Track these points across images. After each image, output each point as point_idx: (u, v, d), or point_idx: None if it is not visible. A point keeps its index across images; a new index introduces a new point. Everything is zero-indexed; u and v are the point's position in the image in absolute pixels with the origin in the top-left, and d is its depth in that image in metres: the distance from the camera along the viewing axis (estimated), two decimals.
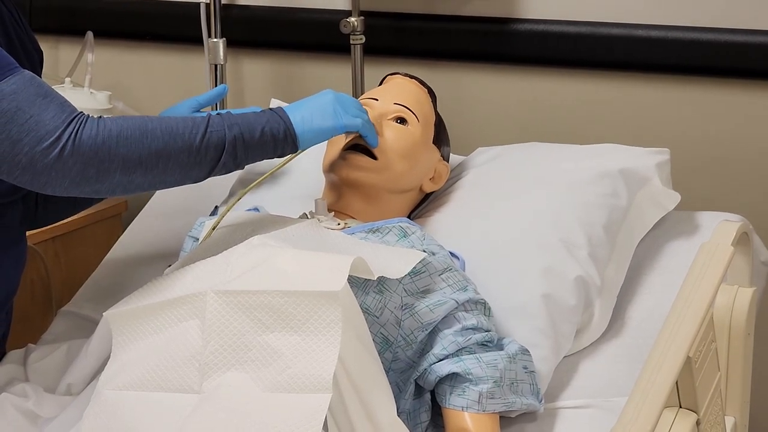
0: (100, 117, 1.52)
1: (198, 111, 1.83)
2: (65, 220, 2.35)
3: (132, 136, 1.51)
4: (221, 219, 1.72)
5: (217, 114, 1.60)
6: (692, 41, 2.15)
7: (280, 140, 1.61)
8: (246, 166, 1.66)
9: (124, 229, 2.22)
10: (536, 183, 1.90)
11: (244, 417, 1.37)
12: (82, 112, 1.52)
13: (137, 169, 1.52)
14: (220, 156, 1.57)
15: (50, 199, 1.85)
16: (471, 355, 1.60)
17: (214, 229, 1.72)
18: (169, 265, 1.76)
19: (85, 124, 1.49)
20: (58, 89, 2.43)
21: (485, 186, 1.93)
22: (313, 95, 1.69)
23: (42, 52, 1.81)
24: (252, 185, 1.71)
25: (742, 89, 2.15)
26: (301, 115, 1.64)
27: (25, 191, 1.74)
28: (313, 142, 1.65)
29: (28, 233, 1.87)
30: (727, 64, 2.13)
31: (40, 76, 1.78)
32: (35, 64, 1.77)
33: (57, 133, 1.47)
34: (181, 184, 1.58)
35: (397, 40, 2.37)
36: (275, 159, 1.66)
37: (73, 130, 1.48)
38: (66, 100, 1.52)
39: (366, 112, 1.73)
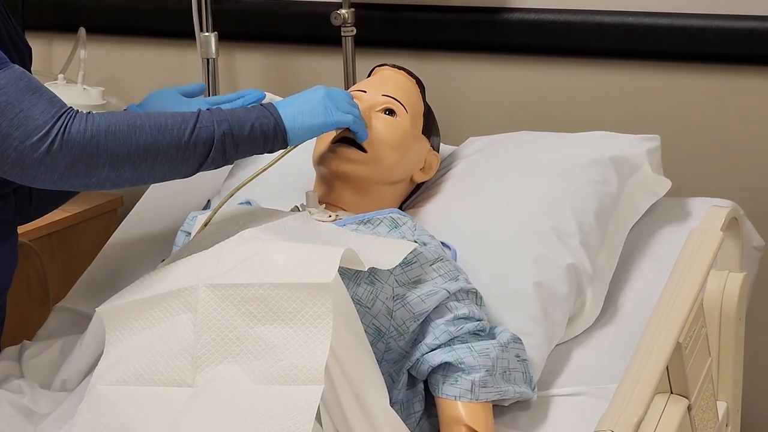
0: (89, 112, 1.53)
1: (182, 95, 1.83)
2: (61, 216, 2.36)
3: (120, 131, 1.52)
4: (213, 214, 1.72)
5: (207, 109, 1.61)
6: (682, 28, 2.15)
7: (270, 136, 1.62)
8: (238, 160, 1.66)
9: (119, 225, 2.22)
10: (527, 171, 1.91)
11: (236, 409, 1.38)
12: (71, 107, 1.53)
13: (125, 164, 1.52)
14: (209, 152, 1.57)
15: (41, 191, 1.86)
16: (463, 345, 1.61)
17: (206, 224, 1.72)
18: (163, 260, 1.76)
19: (73, 119, 1.50)
20: (52, 86, 2.44)
21: (476, 175, 1.93)
22: (305, 91, 1.69)
23: (30, 48, 1.82)
24: (244, 182, 1.71)
25: (733, 75, 2.15)
26: (292, 111, 1.64)
27: (17, 185, 1.75)
28: (303, 138, 1.65)
29: (24, 230, 1.87)
30: (717, 50, 2.14)
31: (30, 71, 1.79)
32: (24, 59, 1.77)
33: (46, 128, 1.48)
34: (171, 179, 1.59)
35: (388, 32, 2.38)
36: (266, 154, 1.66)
37: (62, 125, 1.49)
38: (55, 95, 1.54)
39: (357, 107, 1.73)
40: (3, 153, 1.48)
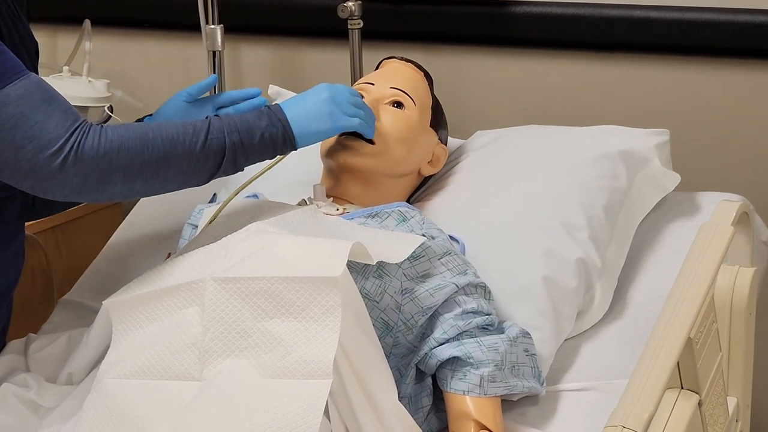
0: (102, 127, 1.52)
1: (190, 102, 1.81)
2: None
3: (133, 147, 1.52)
4: (220, 210, 1.72)
5: (216, 116, 1.60)
6: (691, 21, 2.14)
7: (279, 144, 1.62)
8: None
9: (125, 218, 2.22)
10: (536, 165, 1.90)
11: (244, 404, 1.38)
12: (85, 120, 1.53)
13: (138, 179, 1.53)
14: (220, 163, 1.58)
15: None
16: (471, 339, 1.60)
17: (213, 220, 1.72)
18: (170, 253, 1.76)
19: (87, 134, 1.50)
20: (56, 78, 2.43)
21: (484, 169, 1.93)
22: (310, 91, 1.68)
23: (37, 42, 1.81)
24: (252, 178, 1.70)
25: (742, 69, 2.14)
26: (299, 116, 1.63)
27: None
28: (310, 143, 1.66)
29: (28, 223, 1.87)
30: (727, 43, 2.13)
31: (37, 66, 1.78)
32: (32, 54, 1.77)
33: (60, 142, 1.48)
34: (181, 189, 1.59)
35: (395, 24, 2.37)
36: None
37: (76, 140, 1.49)
38: (70, 106, 1.53)
39: (362, 108, 1.72)
40: (16, 165, 1.48)
